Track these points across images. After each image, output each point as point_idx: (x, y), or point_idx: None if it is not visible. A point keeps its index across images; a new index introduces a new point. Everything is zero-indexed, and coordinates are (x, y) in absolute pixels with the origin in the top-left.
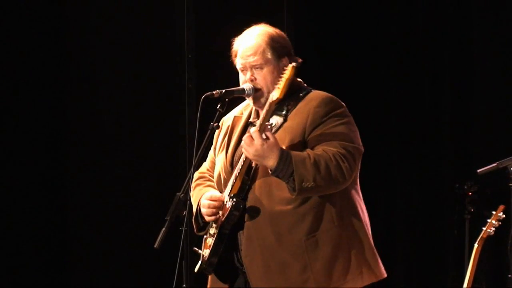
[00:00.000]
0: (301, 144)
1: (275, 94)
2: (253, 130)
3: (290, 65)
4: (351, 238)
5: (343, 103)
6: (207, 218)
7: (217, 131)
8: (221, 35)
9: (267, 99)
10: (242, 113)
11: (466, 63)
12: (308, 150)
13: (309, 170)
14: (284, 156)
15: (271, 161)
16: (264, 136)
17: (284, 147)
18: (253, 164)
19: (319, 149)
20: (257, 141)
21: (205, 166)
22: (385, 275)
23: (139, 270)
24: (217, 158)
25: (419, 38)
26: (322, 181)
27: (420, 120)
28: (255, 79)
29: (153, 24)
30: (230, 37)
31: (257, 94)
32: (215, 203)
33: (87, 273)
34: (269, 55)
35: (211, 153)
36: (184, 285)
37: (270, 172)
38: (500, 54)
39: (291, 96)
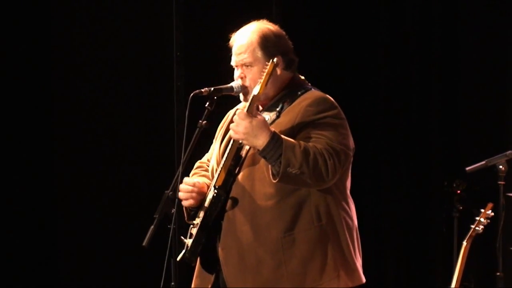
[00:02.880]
0: None
1: (256, 89)
2: (239, 111)
3: (271, 60)
4: (330, 240)
5: (337, 105)
6: (183, 203)
7: (221, 122)
8: (210, 33)
9: None
10: (244, 107)
11: (454, 61)
12: (299, 140)
13: (298, 156)
14: (275, 137)
15: (261, 140)
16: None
17: None
18: (242, 154)
19: (307, 143)
20: (246, 119)
21: (206, 156)
22: (363, 281)
23: (128, 268)
24: (214, 149)
25: (407, 36)
26: (307, 170)
27: (408, 118)
28: (245, 76)
29: (141, 22)
30: (219, 35)
31: (245, 90)
32: (189, 188)
33: (75, 270)
34: (259, 54)
35: (213, 144)
36: (172, 283)
37: (258, 152)
38: (488, 52)
39: (289, 94)
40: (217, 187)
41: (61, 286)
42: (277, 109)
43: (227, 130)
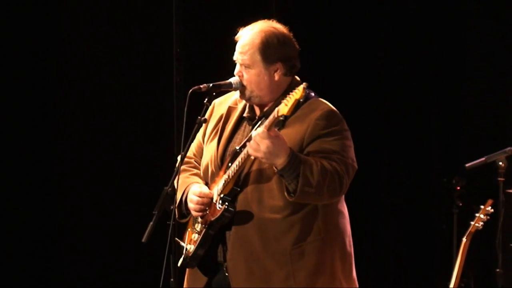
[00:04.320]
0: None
1: (281, 110)
2: (260, 129)
3: (301, 86)
4: (334, 250)
5: (342, 117)
6: (193, 213)
7: (207, 112)
8: (209, 30)
9: (250, 96)
10: (236, 104)
11: (454, 57)
12: (314, 158)
13: (315, 176)
14: (294, 157)
15: (281, 159)
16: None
17: None
18: (248, 159)
19: (322, 161)
20: (268, 139)
21: (191, 149)
22: (357, 286)
23: (127, 264)
24: (206, 147)
25: (408, 33)
26: (323, 189)
27: (408, 115)
28: (242, 75)
29: (141, 18)
30: (218, 32)
31: (242, 89)
32: (204, 200)
33: (75, 265)
34: (258, 58)
35: (198, 136)
36: (172, 279)
37: (275, 169)
38: (488, 48)
39: None
40: (223, 197)
41: (61, 281)
42: (281, 118)
43: (222, 129)
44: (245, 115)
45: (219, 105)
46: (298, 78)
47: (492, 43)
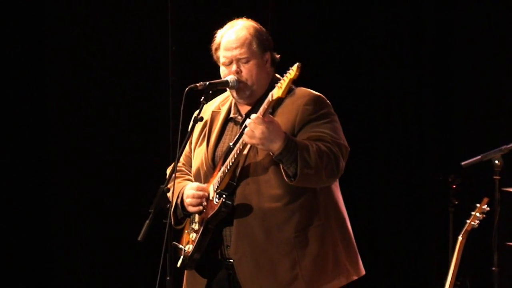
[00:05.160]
0: None
1: (276, 93)
2: (254, 115)
3: (296, 65)
4: (335, 235)
5: (328, 102)
6: (191, 209)
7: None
8: (205, 28)
9: (251, 91)
10: (219, 108)
11: (449, 55)
12: (309, 141)
13: (312, 157)
14: (290, 141)
15: (277, 144)
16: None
17: None
18: (247, 150)
19: (317, 143)
20: (263, 124)
21: (180, 159)
22: (364, 272)
23: (123, 263)
24: (194, 153)
25: (402, 31)
26: (321, 170)
27: (403, 112)
28: (241, 71)
29: (136, 16)
30: (214, 30)
31: (240, 85)
32: (201, 193)
33: (71, 265)
34: (255, 48)
35: (186, 147)
36: (168, 278)
37: (273, 155)
38: (482, 46)
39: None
40: (220, 191)
41: (58, 280)
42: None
43: (209, 133)
44: (232, 115)
45: (202, 113)
46: (278, 75)
47: (486, 41)
